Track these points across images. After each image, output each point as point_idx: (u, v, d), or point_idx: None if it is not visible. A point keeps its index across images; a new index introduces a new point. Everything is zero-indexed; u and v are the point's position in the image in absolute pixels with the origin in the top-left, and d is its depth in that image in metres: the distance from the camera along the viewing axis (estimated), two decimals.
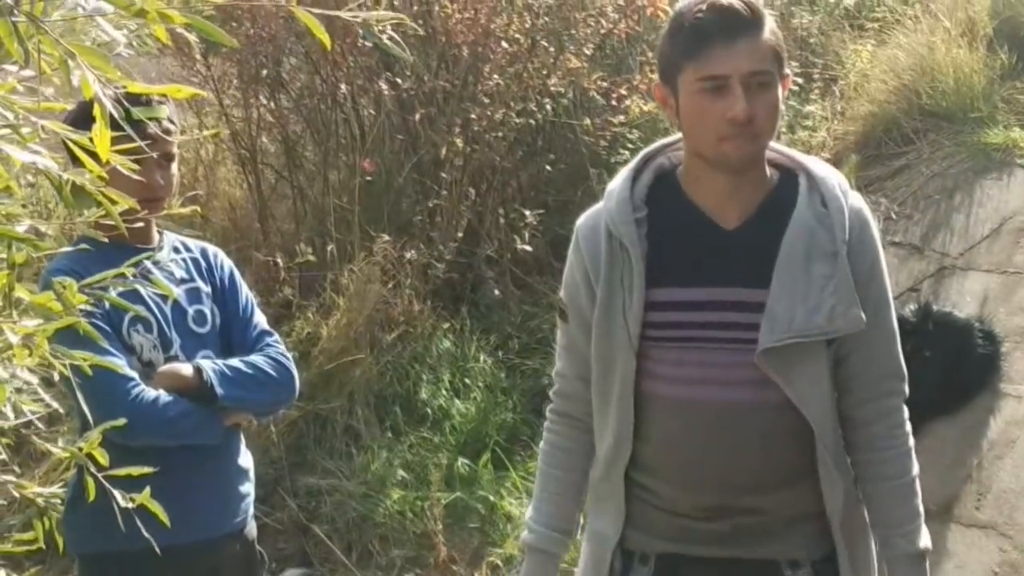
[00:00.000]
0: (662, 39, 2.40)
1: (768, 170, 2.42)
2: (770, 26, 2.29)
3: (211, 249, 3.18)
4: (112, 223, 1.80)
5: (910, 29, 7.16)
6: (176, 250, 3.08)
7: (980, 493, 4.70)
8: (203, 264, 3.12)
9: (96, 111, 1.55)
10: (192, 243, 3.16)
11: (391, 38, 1.58)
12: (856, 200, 2.40)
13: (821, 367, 2.37)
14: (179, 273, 3.03)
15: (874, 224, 2.43)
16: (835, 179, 2.40)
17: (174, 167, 2.97)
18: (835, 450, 2.43)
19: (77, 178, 1.68)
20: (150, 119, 2.79)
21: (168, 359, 2.94)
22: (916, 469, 2.50)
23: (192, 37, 1.61)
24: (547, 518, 2.61)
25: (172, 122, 2.93)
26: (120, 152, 1.73)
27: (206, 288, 3.08)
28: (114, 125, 2.54)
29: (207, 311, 3.06)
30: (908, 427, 2.50)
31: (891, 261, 5.84)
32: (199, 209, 2.69)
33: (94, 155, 1.68)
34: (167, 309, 2.96)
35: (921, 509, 2.50)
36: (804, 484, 2.43)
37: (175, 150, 2.97)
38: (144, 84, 3.13)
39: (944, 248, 5.85)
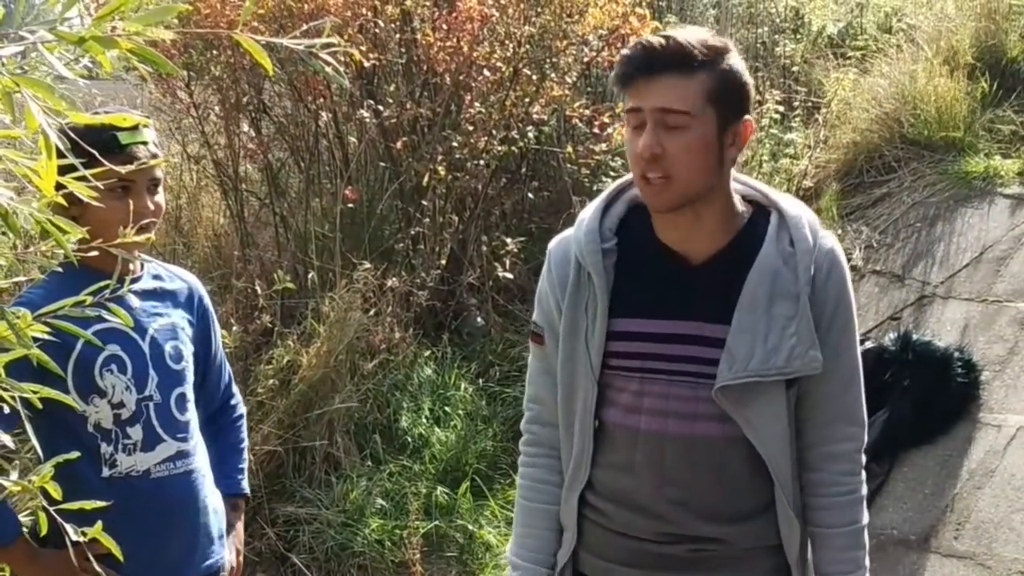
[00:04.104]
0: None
1: (742, 206, 2.42)
2: (718, 66, 2.26)
3: (193, 281, 3.13)
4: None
5: (892, 58, 7.20)
6: (157, 278, 3.04)
7: (959, 523, 4.68)
8: (183, 297, 3.07)
9: (42, 143, 1.53)
10: (173, 271, 3.12)
11: (335, 66, 1.57)
12: (827, 240, 2.38)
13: (780, 406, 2.36)
14: (156, 307, 3.00)
15: (844, 267, 2.40)
16: (806, 219, 2.38)
17: (161, 192, 2.94)
18: (793, 489, 2.41)
19: (25, 207, 1.67)
20: (137, 144, 2.80)
21: (141, 400, 2.90)
22: (864, 519, 2.45)
23: (144, 68, 1.59)
24: (534, 553, 2.59)
25: (156, 146, 2.91)
26: (106, 178, 1.74)
27: (183, 323, 3.03)
28: (102, 151, 2.54)
29: (183, 347, 3.00)
30: (860, 476, 2.45)
31: (871, 290, 5.85)
32: (152, 237, 2.66)
33: (82, 178, 1.67)
34: (144, 346, 2.92)
35: (864, 562, 2.44)
36: (765, 518, 2.42)
37: (160, 175, 2.94)
38: (129, 111, 3.12)
39: (925, 277, 5.85)
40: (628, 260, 2.43)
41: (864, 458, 2.45)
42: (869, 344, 5.39)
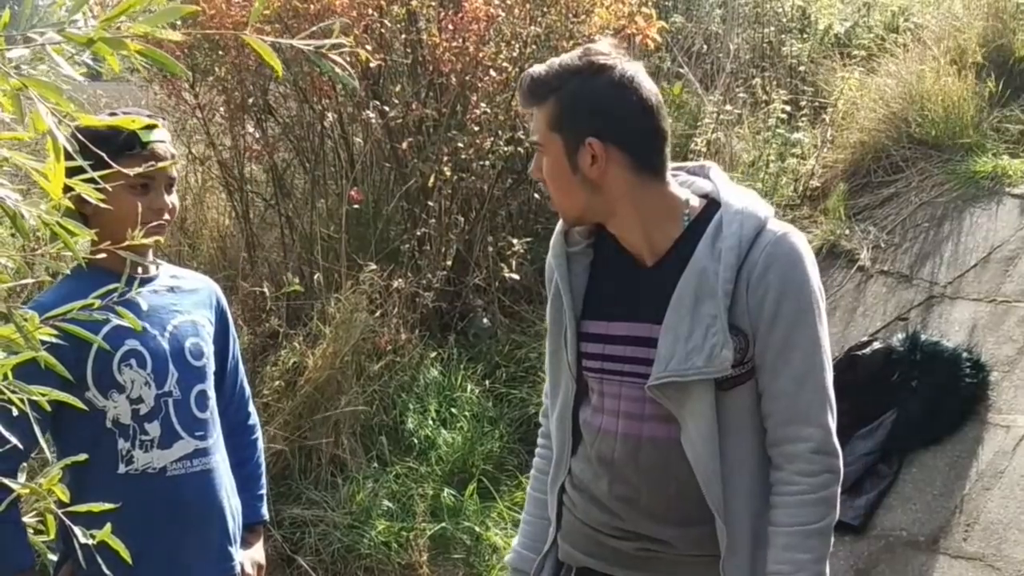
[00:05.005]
0: None
1: (694, 204, 2.44)
2: (565, 91, 2.35)
3: (210, 283, 3.14)
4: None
5: (899, 57, 7.17)
6: (174, 278, 3.04)
7: (968, 524, 4.66)
8: (201, 296, 3.07)
9: (49, 145, 1.52)
10: (188, 274, 3.13)
11: (344, 66, 1.56)
12: (771, 236, 2.34)
13: (707, 407, 2.35)
14: (175, 304, 2.99)
15: (796, 261, 2.34)
16: (745, 214, 2.36)
17: (175, 192, 2.94)
18: (723, 494, 2.38)
19: (34, 209, 1.66)
20: (157, 141, 2.82)
21: (160, 395, 2.90)
22: (820, 522, 2.36)
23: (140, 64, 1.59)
24: (528, 539, 2.75)
25: (172, 145, 2.92)
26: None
27: (203, 321, 3.03)
28: (124, 148, 2.54)
29: (203, 344, 3.00)
30: (819, 477, 2.37)
31: (879, 290, 5.83)
32: (161, 240, 2.66)
33: (92, 180, 1.67)
34: (164, 342, 2.92)
35: (812, 567, 2.36)
36: (711, 526, 2.40)
37: (175, 175, 2.95)
38: (142, 112, 3.11)
39: (932, 277, 5.83)
40: (600, 264, 2.52)
41: (831, 461, 2.38)
42: (877, 344, 5.38)
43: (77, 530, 1.90)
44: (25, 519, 2.86)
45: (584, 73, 2.33)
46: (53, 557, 2.97)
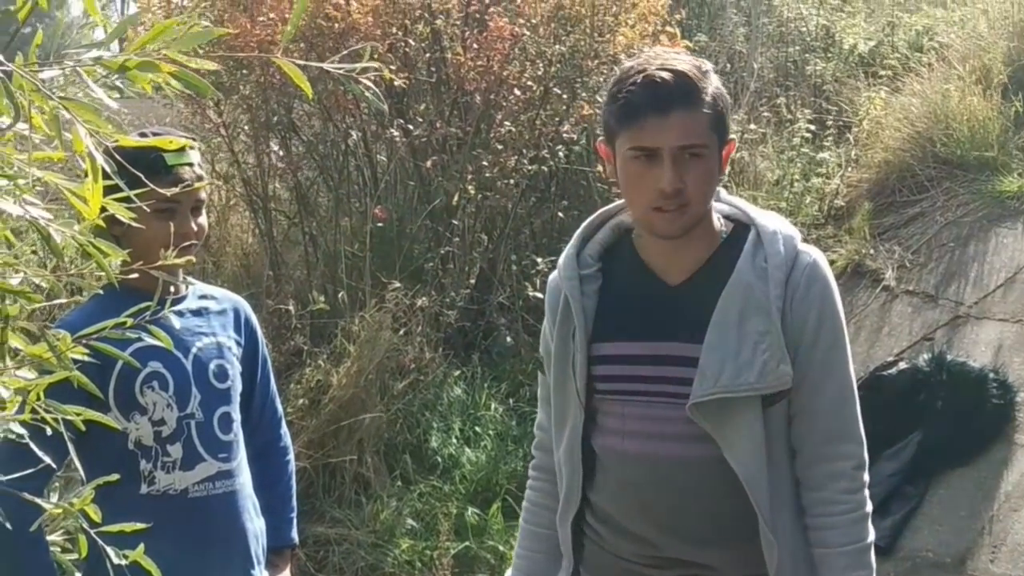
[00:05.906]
0: (604, 101, 2.42)
1: (722, 224, 2.43)
2: (711, 92, 2.30)
3: (240, 303, 3.11)
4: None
5: (924, 77, 7.17)
6: (204, 298, 3.04)
7: (995, 546, 4.63)
8: (229, 317, 3.05)
9: (88, 165, 1.53)
10: (220, 293, 3.10)
11: (374, 89, 1.56)
12: (807, 256, 2.37)
13: (756, 424, 2.33)
14: (201, 327, 2.98)
15: (829, 283, 2.37)
16: (782, 234, 2.38)
17: (204, 214, 2.93)
18: (771, 511, 2.36)
19: (67, 230, 1.66)
20: (183, 165, 2.81)
21: (183, 417, 2.89)
22: (868, 538, 2.39)
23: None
24: (523, 573, 2.68)
25: (201, 167, 2.91)
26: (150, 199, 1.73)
27: (229, 343, 3.01)
28: (148, 172, 2.55)
29: (228, 366, 2.97)
30: (861, 494, 2.39)
31: (904, 309, 5.80)
32: (193, 259, 2.66)
33: (126, 200, 1.67)
34: (187, 364, 2.91)
35: None
36: (754, 544, 2.38)
37: (204, 197, 2.95)
38: (176, 133, 3.11)
39: (958, 297, 5.81)
40: (612, 285, 2.47)
41: (866, 476, 2.40)
42: (903, 365, 5.36)
43: (110, 550, 1.89)
44: (49, 538, 2.86)
45: (711, 73, 2.33)
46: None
